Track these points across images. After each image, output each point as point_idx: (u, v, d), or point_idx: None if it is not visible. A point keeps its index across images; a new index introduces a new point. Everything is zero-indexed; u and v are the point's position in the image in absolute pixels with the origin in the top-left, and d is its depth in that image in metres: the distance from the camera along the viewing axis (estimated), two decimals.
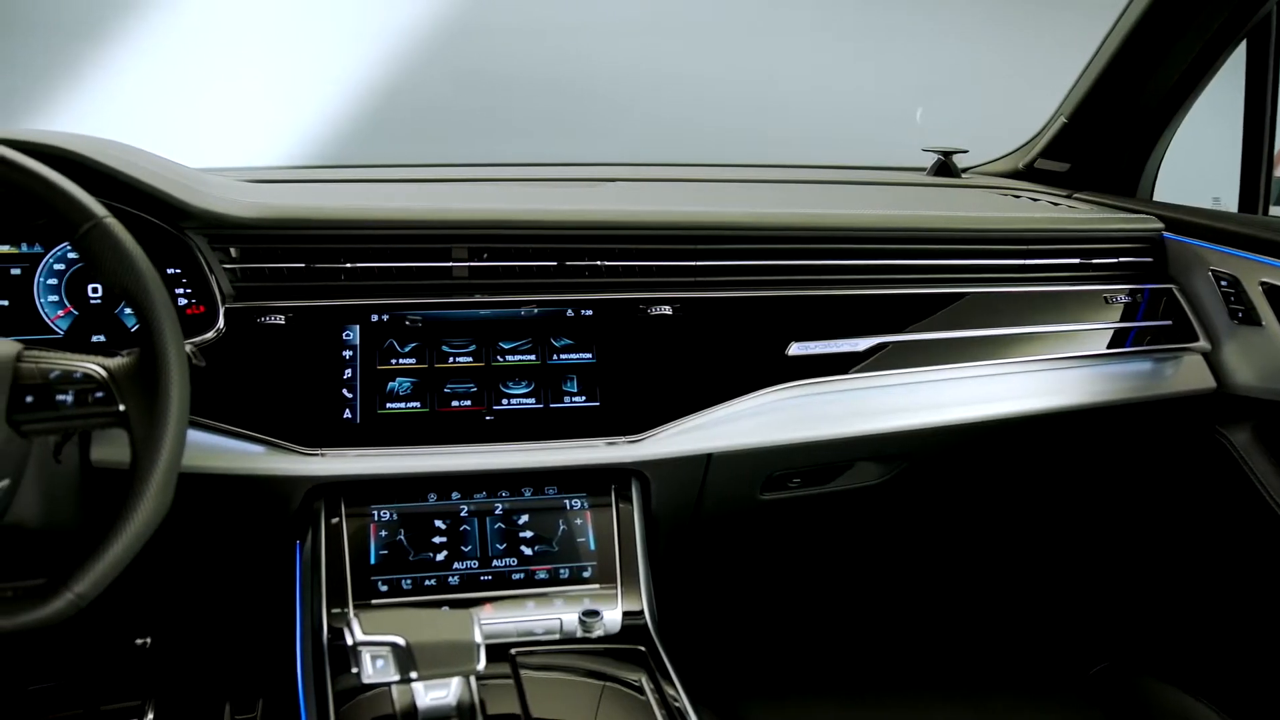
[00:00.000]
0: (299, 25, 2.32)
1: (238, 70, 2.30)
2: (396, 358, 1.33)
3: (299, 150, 2.33)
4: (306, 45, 2.33)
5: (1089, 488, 1.91)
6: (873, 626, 2.04)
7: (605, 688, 1.13)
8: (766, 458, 1.44)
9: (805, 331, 1.44)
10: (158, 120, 2.22)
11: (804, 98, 2.41)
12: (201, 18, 2.25)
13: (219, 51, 2.28)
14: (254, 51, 2.30)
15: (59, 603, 0.95)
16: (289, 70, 2.32)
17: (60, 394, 1.00)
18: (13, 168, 0.99)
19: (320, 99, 2.31)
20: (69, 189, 1.00)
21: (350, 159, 2.27)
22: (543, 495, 1.33)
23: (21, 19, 2.12)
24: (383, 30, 2.34)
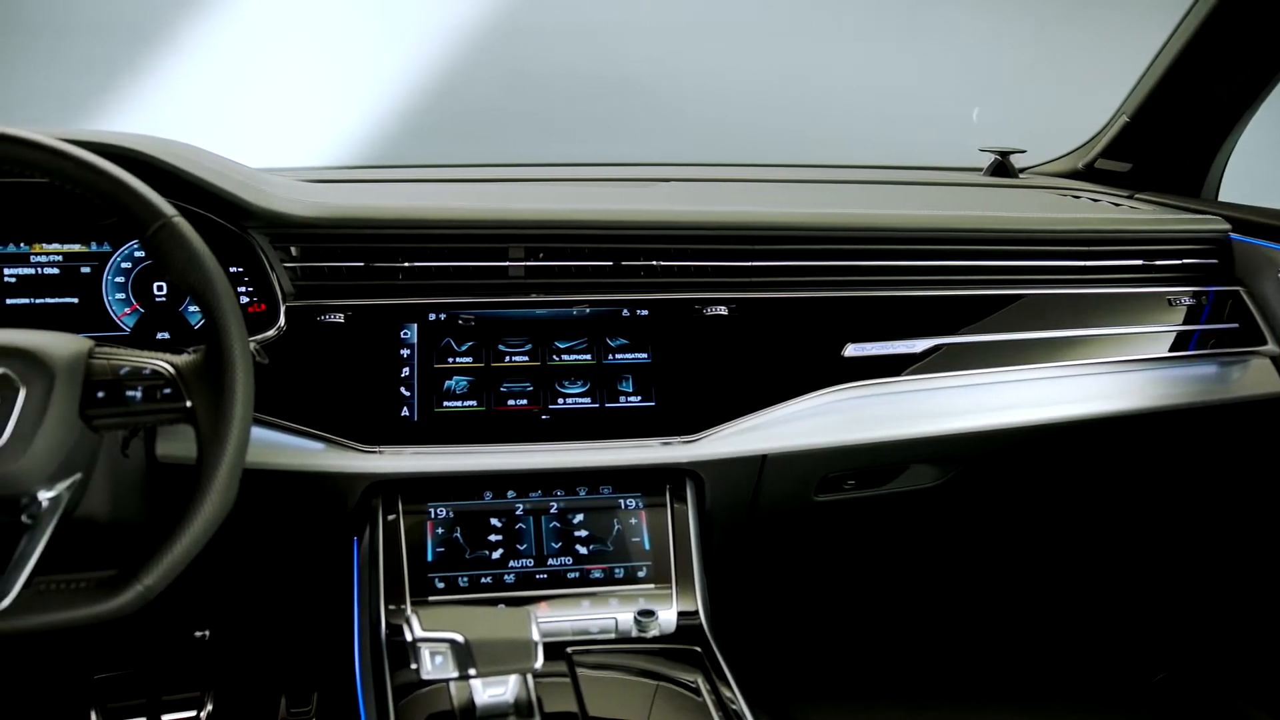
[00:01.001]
0: (346, 26, 2.34)
1: (287, 71, 2.33)
2: (453, 356, 1.34)
3: (346, 150, 2.36)
4: (354, 46, 2.35)
5: (1150, 493, 1.87)
6: (928, 631, 2.01)
7: (661, 688, 1.13)
8: (821, 459, 1.43)
9: (861, 333, 1.43)
10: (209, 120, 2.26)
11: (858, 98, 2.39)
12: (251, 19, 2.28)
13: (269, 52, 2.31)
14: (303, 53, 2.33)
15: (129, 594, 0.97)
16: (338, 71, 2.35)
17: (130, 390, 1.02)
18: (86, 168, 1.01)
19: (368, 99, 2.34)
20: (140, 189, 1.02)
21: (398, 159, 2.30)
22: (597, 495, 1.34)
23: (80, 21, 2.17)
24: (430, 31, 2.36)
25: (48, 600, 0.96)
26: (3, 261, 1.32)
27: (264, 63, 2.31)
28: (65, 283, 1.34)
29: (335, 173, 1.86)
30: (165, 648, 1.78)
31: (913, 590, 1.98)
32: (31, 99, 2.18)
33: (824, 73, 2.40)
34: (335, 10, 2.34)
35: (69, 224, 1.34)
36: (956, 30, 2.44)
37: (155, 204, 1.02)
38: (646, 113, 2.40)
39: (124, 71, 2.19)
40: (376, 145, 2.37)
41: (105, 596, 0.97)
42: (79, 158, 1.00)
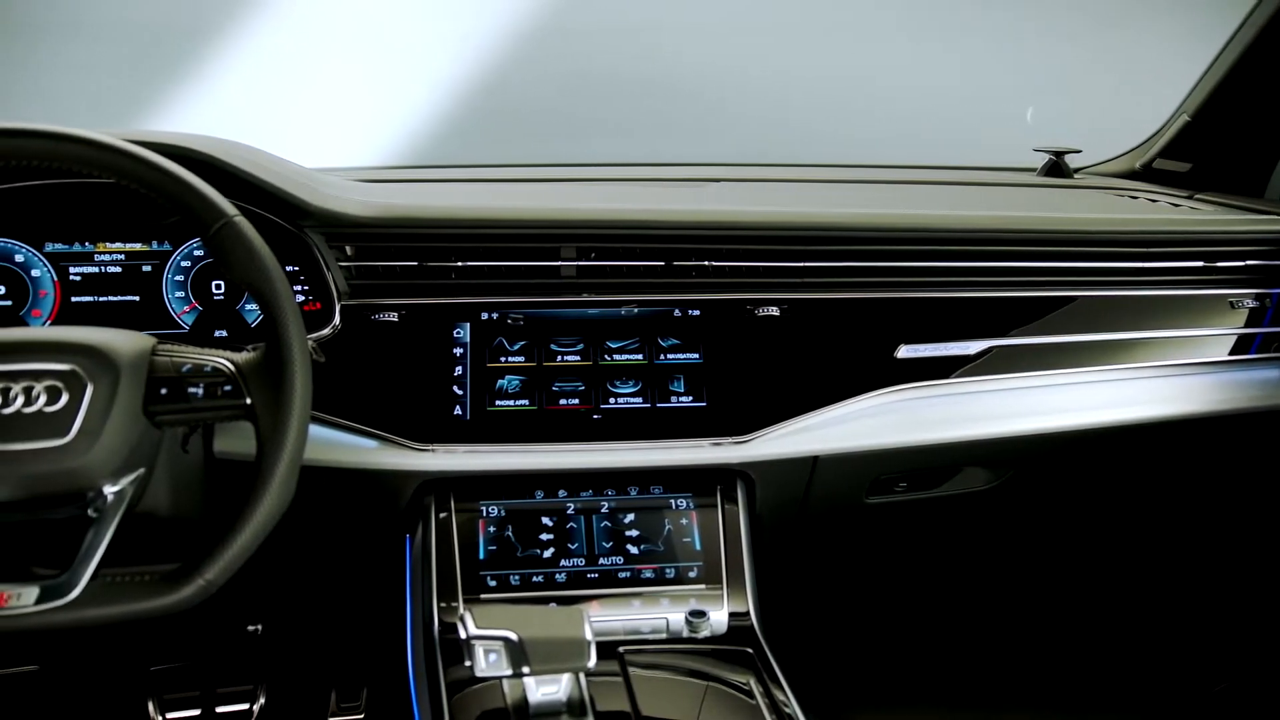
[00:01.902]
0: (392, 28, 2.36)
1: (334, 72, 2.35)
2: (506, 356, 1.34)
3: (392, 150, 2.37)
4: (400, 47, 2.37)
5: (1208, 499, 1.84)
6: (980, 637, 1.99)
7: (714, 689, 1.13)
8: (873, 461, 1.42)
9: (915, 334, 1.42)
10: (256, 120, 2.29)
11: (909, 97, 2.37)
12: (297, 22, 2.30)
13: (315, 54, 2.33)
14: (349, 54, 2.35)
15: (191, 588, 0.99)
16: (384, 72, 2.36)
17: (191, 387, 1.04)
18: (151, 168, 1.02)
19: (413, 100, 2.35)
20: (203, 189, 1.04)
21: (444, 159, 2.31)
22: (648, 494, 1.34)
23: (131, 22, 2.20)
24: (475, 32, 2.37)
25: (114, 592, 0.98)
26: (68, 260, 1.35)
27: (311, 64, 2.33)
28: (127, 281, 1.36)
29: (387, 172, 1.88)
30: (219, 641, 1.81)
31: (964, 594, 1.96)
32: (83, 100, 2.22)
33: (875, 72, 2.38)
34: (380, 12, 2.35)
35: (131, 223, 1.37)
36: (1009, 28, 2.42)
37: (218, 204, 1.04)
38: (695, 113, 2.39)
39: (173, 73, 2.22)
40: (422, 146, 2.38)
41: (169, 590, 0.98)
42: (145, 158, 1.02)
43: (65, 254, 1.35)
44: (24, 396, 0.98)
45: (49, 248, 1.34)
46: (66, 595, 0.96)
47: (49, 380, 0.99)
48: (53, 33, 2.18)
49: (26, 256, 1.33)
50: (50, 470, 0.98)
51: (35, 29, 2.17)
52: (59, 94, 2.20)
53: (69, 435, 0.98)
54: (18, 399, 0.98)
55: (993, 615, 2.00)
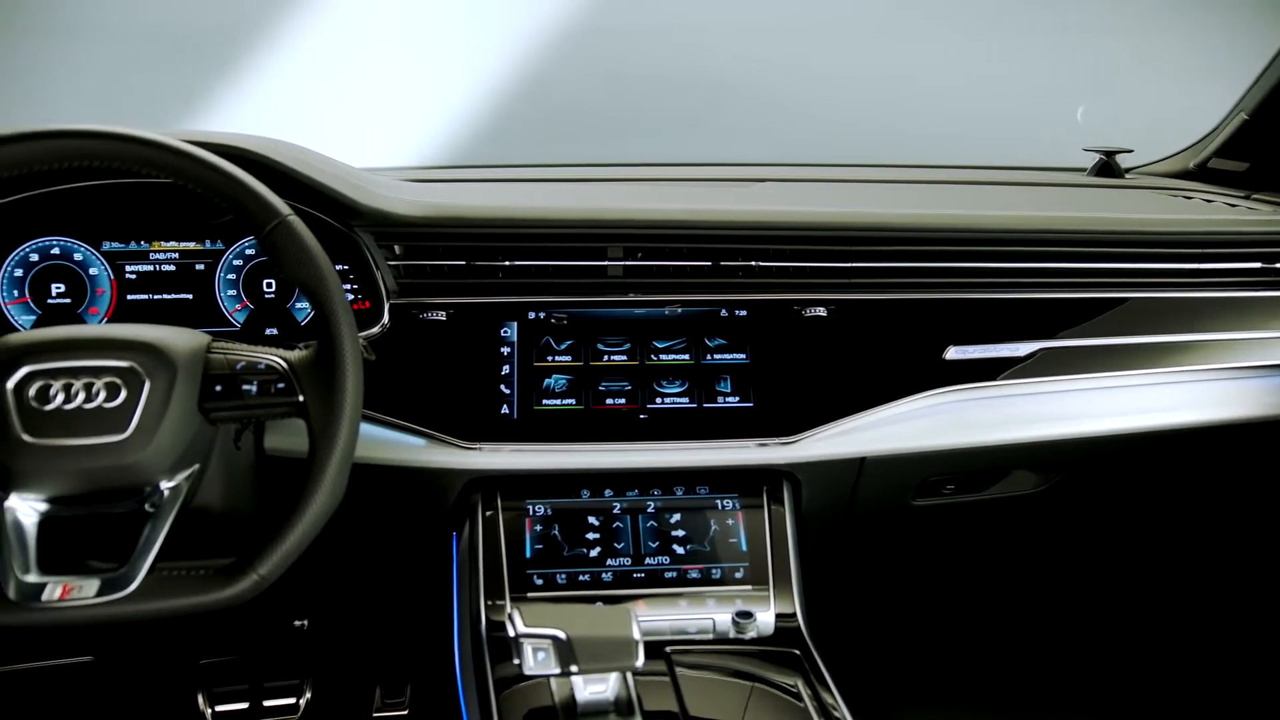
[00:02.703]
0: (433, 28, 2.37)
1: (375, 72, 2.36)
2: (553, 355, 1.35)
3: (432, 150, 2.38)
4: (441, 48, 2.38)
5: (1261, 506, 1.80)
6: (1028, 641, 1.97)
7: (761, 690, 1.13)
8: (920, 463, 1.41)
9: (963, 335, 1.40)
10: (298, 120, 2.31)
11: (957, 96, 2.35)
12: (339, 23, 2.32)
13: (357, 55, 2.35)
14: (389, 55, 2.37)
15: (245, 583, 1.00)
16: (424, 72, 2.38)
17: (245, 384, 1.05)
18: (207, 168, 1.04)
19: (454, 100, 2.36)
20: (258, 189, 1.05)
21: (485, 159, 2.32)
22: (694, 494, 1.33)
23: (175, 24, 2.23)
24: (517, 31, 2.38)
25: (170, 586, 0.99)
26: (124, 258, 1.37)
27: (350, 65, 2.35)
28: (181, 279, 1.38)
29: (431, 172, 1.89)
30: (266, 636, 1.83)
31: (1011, 598, 1.94)
32: (127, 101, 2.25)
33: (922, 71, 2.36)
34: (418, 13, 2.37)
35: (185, 222, 1.39)
36: (1057, 25, 2.39)
37: (272, 203, 1.05)
38: (738, 113, 2.38)
39: (215, 74, 2.25)
40: (461, 146, 2.40)
41: (224, 584, 1.00)
42: (202, 158, 1.03)
43: (121, 252, 1.37)
44: (84, 393, 1.00)
45: (106, 246, 1.37)
46: (125, 588, 0.98)
47: (108, 377, 1.01)
48: (98, 34, 2.22)
49: (85, 255, 1.36)
50: (109, 465, 1.00)
51: (82, 31, 2.21)
52: (104, 95, 2.24)
53: (127, 431, 1.00)
54: (78, 395, 0.99)
55: (1039, 619, 1.98)
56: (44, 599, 0.96)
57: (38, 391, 0.99)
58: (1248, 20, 2.22)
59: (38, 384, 0.99)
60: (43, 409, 0.98)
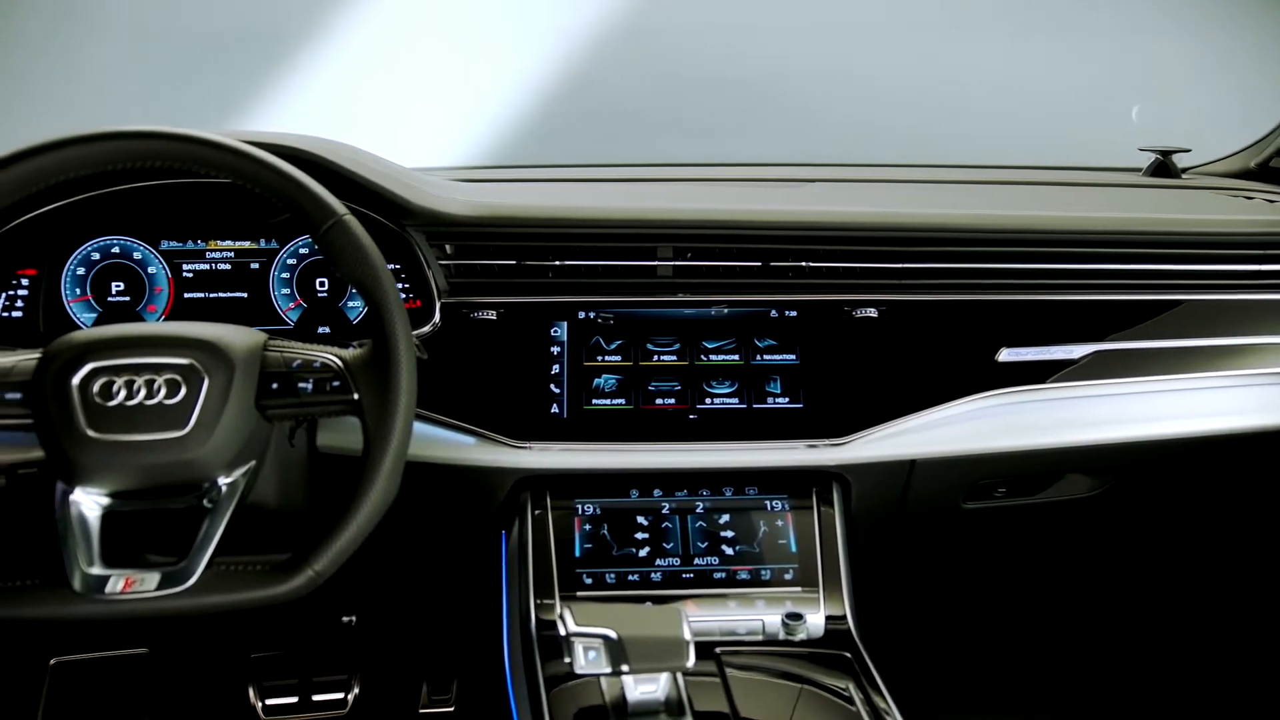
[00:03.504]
0: (476, 29, 2.38)
1: (420, 73, 2.38)
2: (602, 354, 1.35)
3: (475, 150, 2.39)
4: (484, 48, 2.39)
5: None
6: (1080, 646, 1.94)
7: (812, 693, 1.12)
8: (972, 466, 1.40)
9: (1016, 337, 1.39)
10: (343, 120, 2.33)
11: (1008, 95, 2.32)
12: (386, 23, 2.34)
13: (403, 55, 2.36)
14: (432, 56, 2.38)
15: (301, 578, 1.01)
16: (467, 73, 2.39)
17: (301, 382, 1.07)
18: (265, 168, 1.05)
19: (497, 100, 2.37)
20: (315, 189, 1.06)
21: (528, 159, 2.32)
22: (743, 495, 1.33)
23: (219, 26, 2.27)
24: (562, 31, 2.38)
25: (228, 581, 1.01)
26: (182, 257, 1.39)
27: (396, 66, 2.36)
28: (236, 278, 1.40)
29: (480, 172, 1.90)
30: (315, 631, 1.85)
31: (1065, 603, 1.92)
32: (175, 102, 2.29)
33: (973, 70, 2.33)
34: (462, 13, 2.38)
35: (240, 222, 1.41)
36: (1112, 23, 2.35)
37: (329, 203, 1.06)
38: (785, 113, 2.37)
39: (260, 75, 2.27)
40: (504, 146, 2.40)
41: (280, 580, 1.01)
42: (260, 159, 1.05)
43: (179, 251, 1.39)
44: (146, 389, 1.01)
45: (164, 245, 1.39)
46: (185, 582, 0.99)
47: (169, 374, 1.02)
48: (148, 37, 2.25)
49: (144, 254, 1.38)
50: (169, 461, 1.01)
51: (133, 32, 2.25)
52: (154, 96, 2.27)
53: (187, 427, 1.01)
54: (140, 391, 1.01)
55: (1093, 625, 1.95)
56: (107, 591, 0.98)
57: (101, 388, 1.01)
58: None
59: (101, 380, 1.01)
60: (106, 405, 1.00)
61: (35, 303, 1.35)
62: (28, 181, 1.01)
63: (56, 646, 1.76)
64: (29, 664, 1.74)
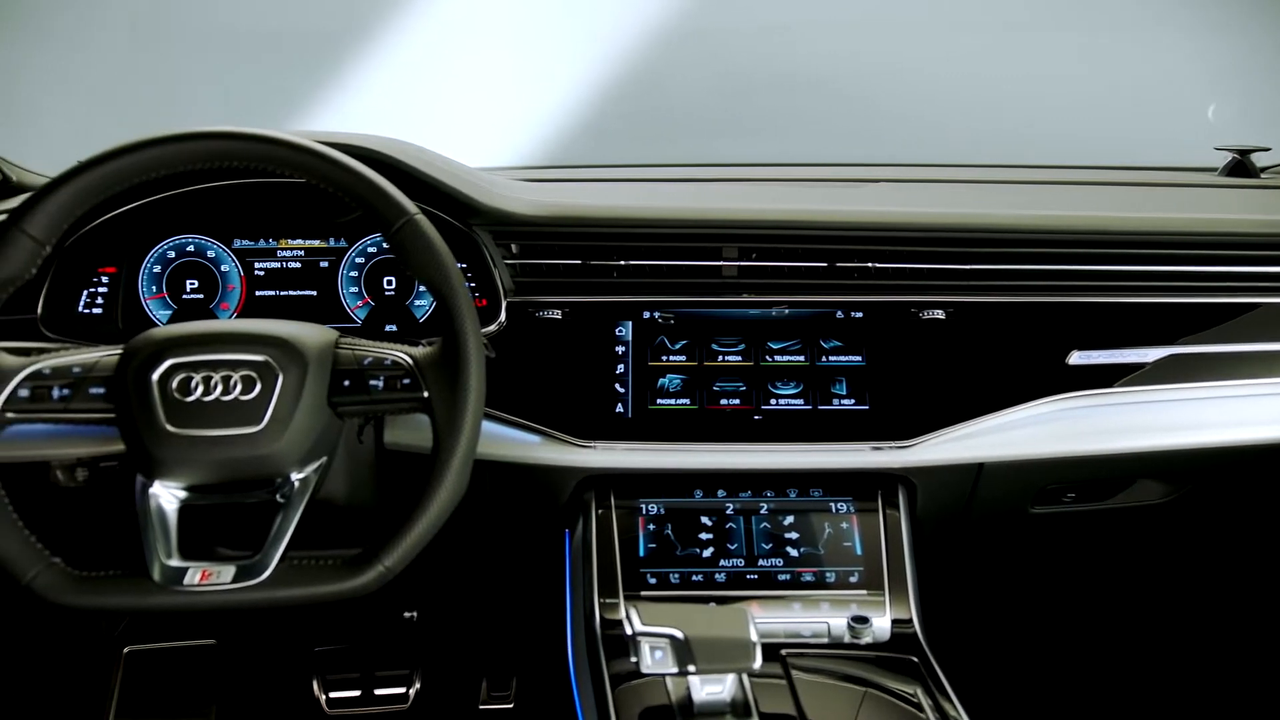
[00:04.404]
0: (532, 27, 2.39)
1: (473, 73, 2.39)
2: (667, 354, 1.35)
3: (531, 149, 2.40)
4: (542, 46, 2.40)
5: None
6: (1151, 656, 1.89)
7: (880, 698, 1.11)
8: (1041, 470, 1.38)
9: (1087, 340, 1.36)
10: (405, 119, 2.35)
11: (1079, 93, 2.28)
12: (444, 23, 2.35)
13: (461, 55, 2.38)
14: (492, 55, 2.39)
15: (371, 574, 1.02)
16: (525, 71, 2.40)
17: (372, 379, 1.08)
18: (339, 167, 1.07)
19: (552, 100, 2.38)
20: (388, 189, 1.07)
21: (587, 158, 2.32)
22: (808, 497, 1.32)
23: (279, 28, 2.30)
24: (620, 30, 2.38)
25: (300, 575, 1.02)
26: (254, 256, 1.42)
27: (453, 66, 2.38)
28: (306, 276, 1.42)
29: (542, 171, 1.91)
30: (377, 626, 1.87)
31: (1135, 611, 1.87)
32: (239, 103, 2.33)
33: (1043, 67, 2.29)
34: (522, 13, 2.39)
35: (310, 221, 1.43)
36: (1189, 19, 2.30)
37: (401, 202, 1.07)
38: (847, 112, 2.35)
39: (318, 76, 2.31)
40: (559, 145, 2.41)
41: (351, 575, 1.02)
42: (334, 159, 1.06)
43: (251, 250, 1.42)
44: (222, 385, 1.03)
45: (237, 244, 1.42)
46: (259, 576, 1.01)
47: (245, 370, 1.04)
48: (205, 39, 2.30)
49: (217, 253, 1.41)
50: (245, 455, 1.03)
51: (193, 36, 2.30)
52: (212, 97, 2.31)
53: (262, 423, 1.03)
54: (217, 387, 1.03)
55: (1165, 636, 1.90)
56: (185, 583, 1.00)
57: (180, 383, 1.03)
58: None
59: (180, 376, 1.03)
60: (184, 400, 1.03)
61: (114, 299, 1.38)
62: (113, 181, 1.03)
63: (129, 635, 1.80)
64: (103, 652, 1.79)
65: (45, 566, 1.01)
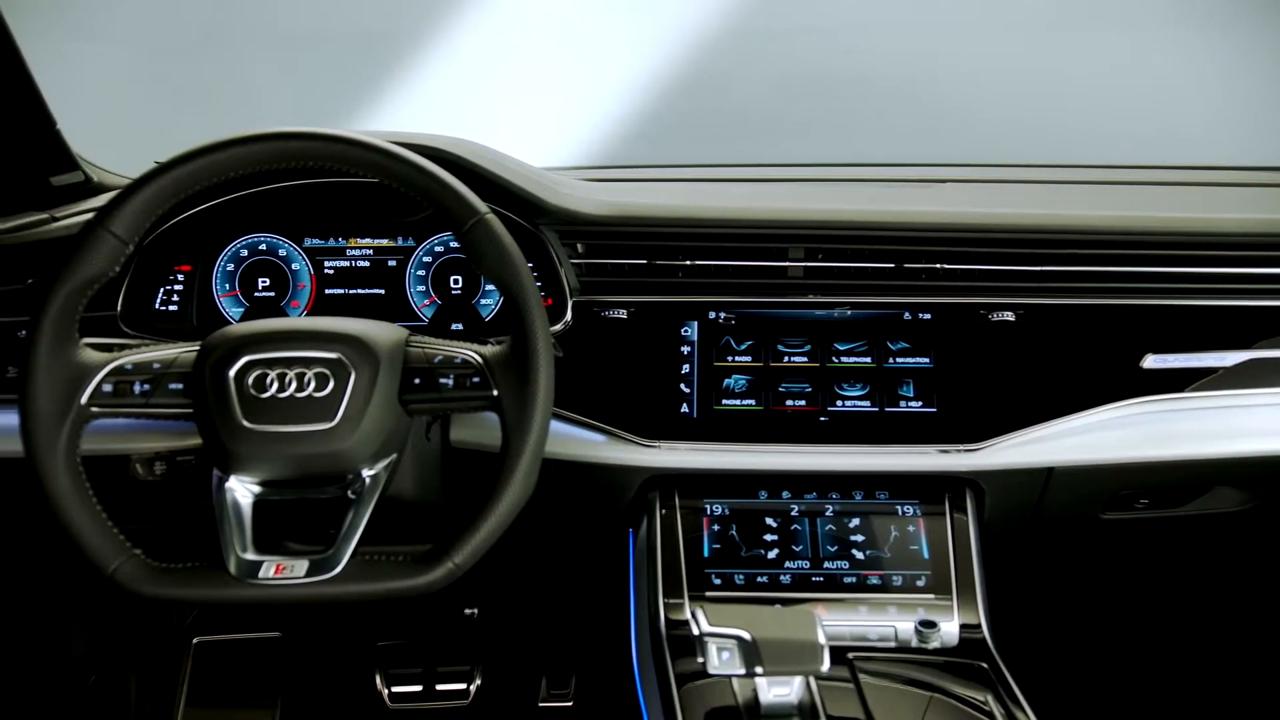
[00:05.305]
0: (591, 27, 2.39)
1: (537, 72, 2.40)
2: (733, 355, 1.35)
3: (588, 149, 2.40)
4: (602, 45, 2.40)
5: None
6: (1230, 670, 1.84)
7: (949, 703, 1.09)
8: (1112, 475, 1.35)
9: (1163, 343, 1.33)
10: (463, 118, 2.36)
11: (1154, 91, 2.23)
12: (504, 22, 2.37)
13: (520, 54, 2.39)
14: (551, 55, 2.40)
15: (441, 570, 1.03)
16: (588, 71, 2.40)
17: (442, 377, 1.09)
18: (412, 167, 1.08)
19: (613, 99, 2.38)
20: (460, 188, 1.08)
21: (646, 158, 2.32)
22: (874, 499, 1.31)
23: (334, 30, 2.33)
24: (680, 30, 2.37)
25: (371, 570, 1.03)
26: (324, 255, 1.44)
27: (513, 65, 2.39)
28: (374, 275, 1.44)
29: (605, 171, 1.91)
30: (438, 622, 1.89)
31: (1211, 622, 1.83)
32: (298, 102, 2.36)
33: (1116, 66, 2.25)
34: (583, 12, 2.39)
35: (378, 220, 1.45)
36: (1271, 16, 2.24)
37: (472, 202, 1.08)
38: (910, 112, 2.32)
39: (376, 77, 2.33)
40: (622, 144, 2.41)
41: (421, 571, 1.03)
42: (408, 159, 1.07)
43: (321, 249, 1.44)
44: (297, 382, 1.05)
45: (307, 243, 1.44)
46: (331, 570, 1.02)
47: (318, 367, 1.06)
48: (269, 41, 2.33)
49: (289, 251, 1.43)
50: (318, 452, 1.05)
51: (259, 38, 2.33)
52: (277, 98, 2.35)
53: (335, 420, 1.05)
54: (291, 384, 1.05)
55: (1241, 647, 1.85)
56: (260, 576, 1.02)
57: (255, 380, 1.05)
58: None
59: (256, 373, 1.05)
60: (260, 396, 1.04)
61: (189, 297, 1.41)
62: (192, 181, 1.05)
63: (198, 626, 1.84)
64: (174, 642, 1.83)
65: (127, 558, 1.03)
